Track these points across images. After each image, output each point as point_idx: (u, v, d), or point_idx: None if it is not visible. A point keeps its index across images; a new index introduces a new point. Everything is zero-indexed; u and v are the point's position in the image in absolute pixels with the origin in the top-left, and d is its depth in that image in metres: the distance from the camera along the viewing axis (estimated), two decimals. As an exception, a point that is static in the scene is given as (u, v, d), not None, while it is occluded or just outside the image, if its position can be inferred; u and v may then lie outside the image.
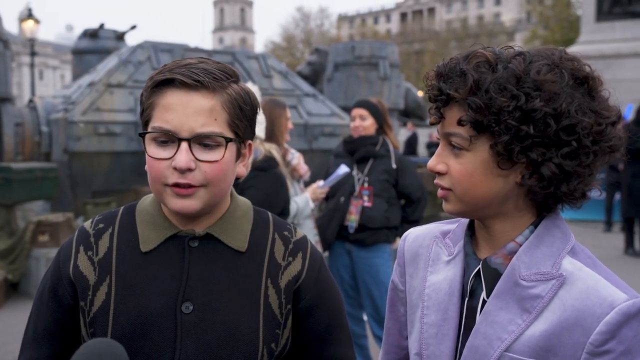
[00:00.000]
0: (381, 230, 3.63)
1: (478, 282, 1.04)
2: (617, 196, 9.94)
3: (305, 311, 1.20)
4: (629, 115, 9.58)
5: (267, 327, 1.15)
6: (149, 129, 1.10)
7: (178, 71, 1.08)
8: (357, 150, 3.71)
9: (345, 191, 3.70)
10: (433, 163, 1.03)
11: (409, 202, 3.74)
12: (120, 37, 11.01)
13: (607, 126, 0.95)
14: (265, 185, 2.79)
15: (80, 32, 11.14)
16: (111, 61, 8.07)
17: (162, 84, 1.09)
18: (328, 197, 3.84)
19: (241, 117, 1.13)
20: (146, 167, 1.15)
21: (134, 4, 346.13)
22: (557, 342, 0.93)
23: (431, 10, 76.84)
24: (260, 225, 1.23)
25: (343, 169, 3.54)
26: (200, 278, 1.13)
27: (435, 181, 1.04)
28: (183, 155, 1.07)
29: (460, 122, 0.96)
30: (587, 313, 0.92)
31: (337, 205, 3.69)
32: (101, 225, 1.20)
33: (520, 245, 1.00)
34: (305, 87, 8.85)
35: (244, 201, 1.25)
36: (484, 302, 1.02)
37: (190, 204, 1.10)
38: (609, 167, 8.85)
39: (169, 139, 1.08)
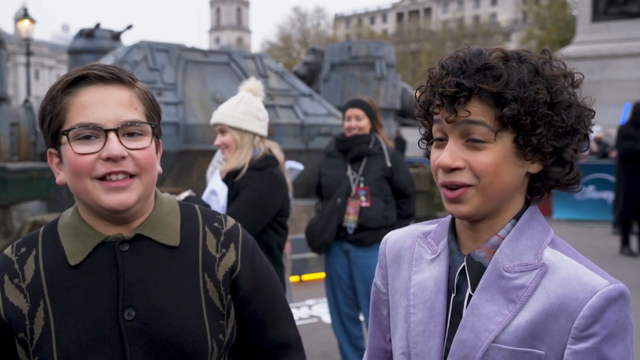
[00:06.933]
0: (380, 230, 3.61)
1: (464, 278, 1.05)
2: (605, 195, 9.97)
3: (245, 300, 1.22)
4: (626, 115, 9.58)
5: (211, 320, 1.15)
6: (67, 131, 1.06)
7: (91, 68, 1.08)
8: (350, 149, 3.69)
9: (342, 192, 3.66)
10: (449, 160, 0.98)
11: (403, 197, 3.74)
12: (116, 36, 10.97)
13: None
14: (259, 185, 2.73)
15: (76, 31, 11.10)
16: (107, 61, 8.05)
17: (74, 83, 1.07)
18: (323, 199, 3.82)
19: (154, 111, 1.15)
20: (61, 177, 1.11)
21: (130, 4, 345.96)
22: (543, 329, 0.96)
23: (427, 11, 76.96)
24: (189, 219, 1.21)
25: None
26: (137, 282, 1.10)
27: (451, 179, 0.99)
28: (115, 144, 1.05)
29: (501, 117, 0.95)
30: (571, 299, 0.94)
31: (334, 206, 3.65)
32: (23, 250, 1.15)
33: (503, 239, 1.02)
34: (302, 87, 8.84)
35: (168, 198, 1.25)
36: (470, 296, 1.03)
37: (127, 197, 1.08)
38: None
39: (93, 133, 1.06)
